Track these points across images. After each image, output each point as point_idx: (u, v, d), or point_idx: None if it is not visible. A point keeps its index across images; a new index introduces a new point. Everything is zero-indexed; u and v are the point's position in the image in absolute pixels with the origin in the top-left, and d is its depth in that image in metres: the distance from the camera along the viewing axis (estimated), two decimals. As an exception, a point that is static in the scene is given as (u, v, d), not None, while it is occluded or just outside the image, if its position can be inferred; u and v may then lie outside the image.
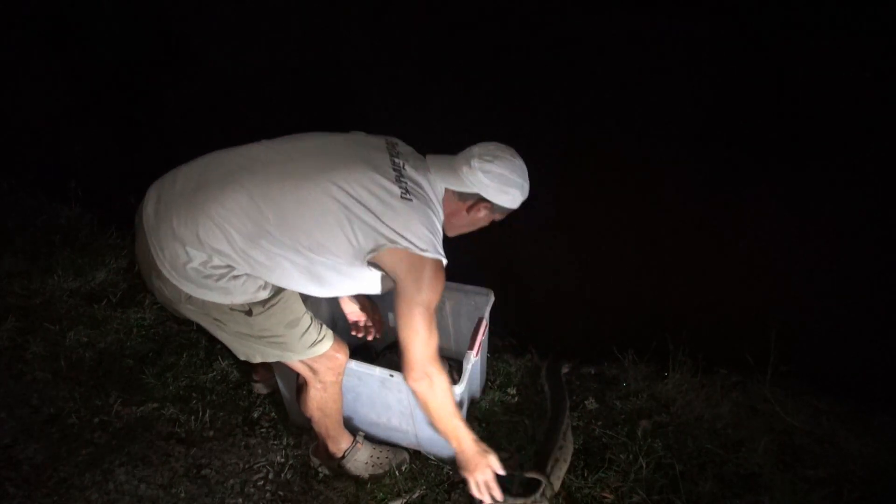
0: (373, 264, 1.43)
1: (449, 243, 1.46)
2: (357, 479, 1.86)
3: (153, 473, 1.88)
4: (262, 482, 1.87)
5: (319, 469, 1.90)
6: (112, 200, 3.00)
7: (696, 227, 2.17)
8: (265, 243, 1.38)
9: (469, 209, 1.55)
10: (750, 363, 2.06)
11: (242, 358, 1.63)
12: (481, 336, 1.91)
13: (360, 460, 1.88)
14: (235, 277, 1.44)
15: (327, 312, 2.32)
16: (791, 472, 1.80)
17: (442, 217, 1.52)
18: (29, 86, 3.27)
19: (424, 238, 1.40)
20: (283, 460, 1.96)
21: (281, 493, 1.84)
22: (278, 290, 1.54)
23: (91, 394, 2.17)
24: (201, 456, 1.95)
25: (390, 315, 2.31)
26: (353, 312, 2.07)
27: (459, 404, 1.77)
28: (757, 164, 1.99)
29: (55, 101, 3.20)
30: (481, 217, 1.58)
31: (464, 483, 1.83)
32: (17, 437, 1.98)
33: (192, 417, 2.08)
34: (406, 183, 1.44)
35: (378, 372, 1.72)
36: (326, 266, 1.43)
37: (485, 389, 2.21)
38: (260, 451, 1.99)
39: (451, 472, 1.88)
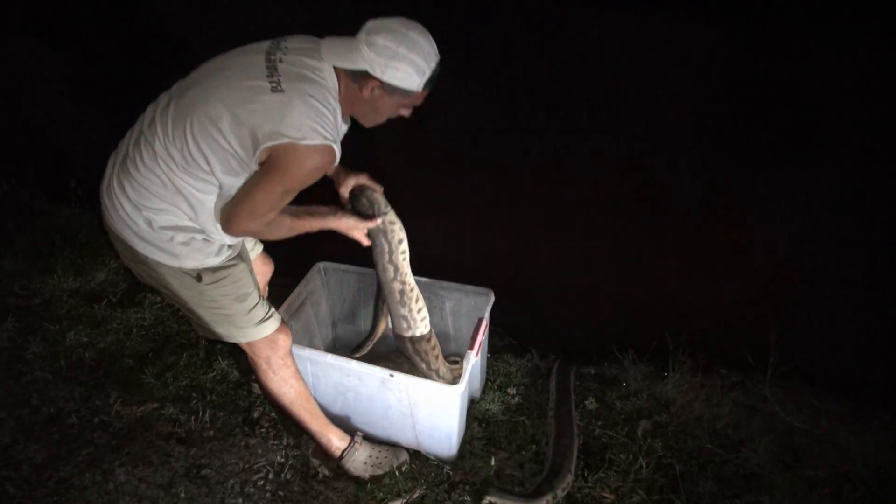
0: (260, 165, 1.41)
1: (448, 242, 1.46)
2: (357, 480, 1.86)
3: (153, 473, 1.88)
4: (262, 482, 1.87)
5: (319, 469, 1.90)
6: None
7: (696, 227, 2.17)
8: (182, 184, 1.42)
9: (362, 90, 1.42)
10: (750, 363, 2.06)
11: (200, 333, 1.69)
12: (481, 336, 1.91)
13: (360, 460, 1.87)
14: (184, 243, 1.48)
15: (327, 313, 2.32)
16: (791, 472, 1.80)
17: (333, 100, 1.42)
18: (29, 86, 3.27)
19: (305, 126, 1.33)
20: (283, 460, 1.96)
21: (281, 493, 1.84)
22: (230, 263, 1.58)
23: (91, 394, 2.17)
24: (201, 456, 1.95)
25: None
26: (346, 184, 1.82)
27: (460, 405, 1.77)
28: (757, 164, 1.99)
29: (55, 101, 3.21)
30: (378, 98, 1.44)
31: (464, 483, 1.83)
32: (17, 437, 1.98)
33: (192, 417, 2.08)
34: (278, 76, 1.36)
35: (378, 372, 1.73)
36: (236, 186, 1.44)
37: (485, 389, 2.21)
38: (260, 451, 1.99)
39: (450, 472, 1.88)
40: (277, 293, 2.12)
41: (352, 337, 2.35)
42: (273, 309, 1.69)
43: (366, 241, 1.74)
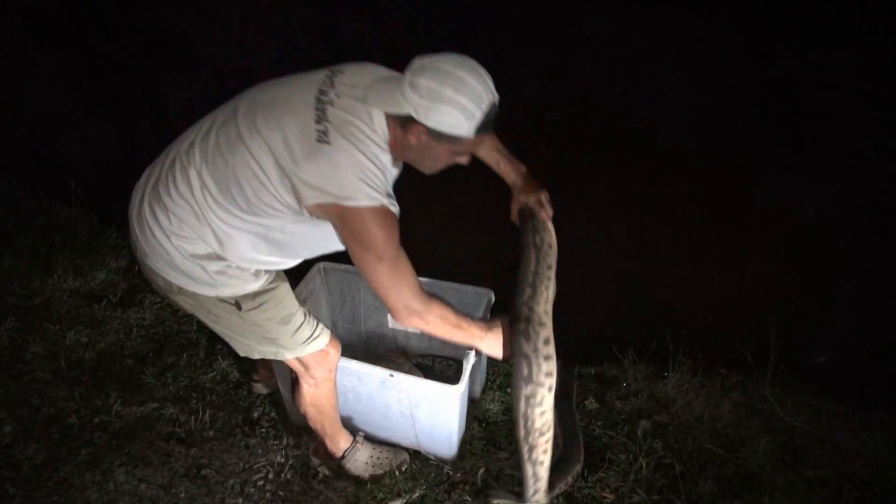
0: (318, 217, 1.32)
1: (449, 242, 1.45)
2: (357, 479, 1.86)
3: (153, 473, 1.88)
4: (262, 482, 1.87)
5: (319, 469, 1.90)
6: (112, 200, 2.99)
7: (696, 227, 2.17)
8: (212, 218, 1.35)
9: (408, 136, 1.29)
10: (750, 363, 2.06)
11: (242, 354, 1.63)
12: None
13: (360, 460, 1.87)
14: (220, 272, 1.42)
15: (327, 313, 2.32)
16: (791, 472, 1.80)
17: (382, 152, 1.31)
18: (29, 85, 3.27)
19: (348, 184, 1.22)
20: (283, 460, 1.96)
21: (281, 493, 1.84)
22: (270, 286, 1.52)
23: (91, 394, 2.17)
24: (201, 456, 1.95)
25: (390, 316, 2.30)
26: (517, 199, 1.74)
27: (459, 406, 1.77)
28: (757, 164, 1.99)
29: (55, 101, 3.20)
30: (427, 145, 1.30)
31: (464, 483, 1.83)
32: (17, 437, 1.98)
33: (192, 417, 2.08)
34: (326, 123, 1.25)
35: (378, 372, 1.73)
36: (277, 228, 1.37)
37: (485, 389, 2.21)
38: (260, 451, 1.99)
39: (450, 472, 1.88)
40: (277, 293, 2.12)
41: (352, 337, 2.35)
42: (319, 325, 1.63)
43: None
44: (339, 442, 1.86)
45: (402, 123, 1.28)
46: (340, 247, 1.39)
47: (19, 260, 2.79)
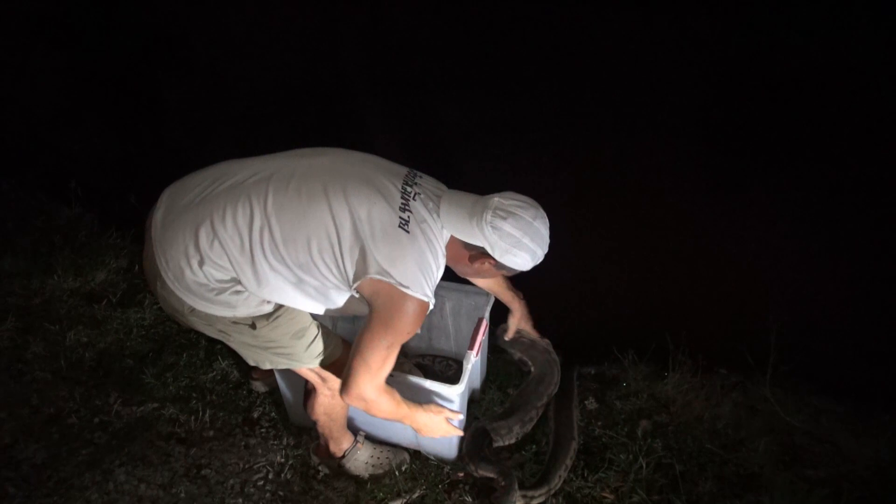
0: (357, 292, 1.40)
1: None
2: (357, 479, 1.86)
3: (153, 473, 1.88)
4: (262, 482, 1.87)
5: (320, 468, 1.90)
6: (112, 200, 2.99)
7: (696, 227, 2.17)
8: (259, 258, 1.36)
9: (472, 260, 1.46)
10: (750, 363, 2.06)
11: (252, 364, 1.62)
12: (481, 336, 1.91)
13: (361, 460, 1.88)
14: (238, 292, 1.42)
15: (327, 318, 2.31)
16: (791, 472, 1.80)
17: (442, 259, 1.45)
18: (29, 85, 3.27)
19: (411, 275, 1.33)
20: (283, 460, 1.96)
21: (281, 493, 1.84)
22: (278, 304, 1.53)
23: (91, 394, 2.17)
24: (201, 456, 1.95)
25: None
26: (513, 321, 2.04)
27: (459, 405, 1.78)
28: (757, 164, 1.99)
29: (55, 101, 3.20)
30: (486, 270, 1.50)
31: (464, 483, 1.84)
32: (17, 437, 1.98)
33: (192, 417, 2.08)
34: (409, 214, 1.37)
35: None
36: (314, 287, 1.41)
37: (484, 389, 2.21)
38: (260, 451, 1.99)
39: (450, 472, 1.88)
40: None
41: (351, 336, 2.34)
42: (333, 337, 1.64)
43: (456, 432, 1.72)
44: (342, 443, 1.87)
45: (470, 248, 1.44)
46: (351, 314, 1.49)
47: (19, 260, 2.78)
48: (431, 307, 1.40)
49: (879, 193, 1.88)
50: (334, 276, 1.38)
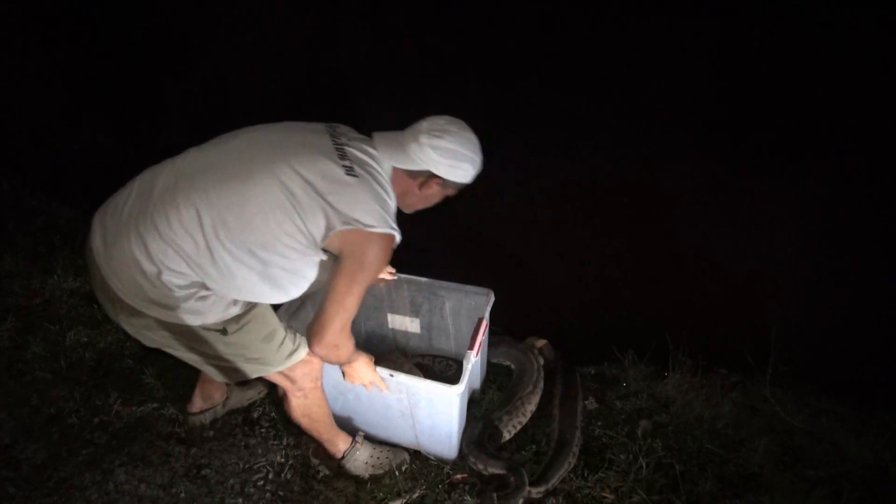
0: (325, 249, 1.41)
1: (447, 244, 1.47)
2: (357, 479, 1.86)
3: (153, 473, 1.88)
4: (262, 482, 1.87)
5: (320, 469, 1.90)
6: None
7: (696, 227, 2.17)
8: (219, 253, 1.35)
9: (421, 186, 1.51)
10: (750, 363, 2.06)
11: (220, 380, 1.62)
12: (481, 336, 1.91)
13: (360, 460, 1.88)
14: (203, 298, 1.40)
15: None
16: (791, 472, 1.80)
17: (391, 191, 1.48)
18: (29, 86, 3.27)
19: (374, 214, 1.37)
20: (283, 460, 1.96)
21: (281, 493, 1.84)
22: (250, 305, 1.51)
23: (91, 394, 2.17)
24: (201, 456, 1.95)
25: (390, 316, 2.31)
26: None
27: (460, 404, 1.78)
28: (757, 164, 1.99)
29: (55, 101, 3.21)
30: (433, 193, 1.55)
31: (464, 483, 1.83)
32: (17, 437, 1.98)
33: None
34: (349, 161, 1.40)
35: (378, 371, 1.73)
36: (280, 266, 1.40)
37: (484, 389, 2.21)
38: (260, 451, 1.99)
39: (450, 472, 1.88)
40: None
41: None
42: (298, 335, 1.64)
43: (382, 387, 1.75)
44: (338, 444, 1.87)
45: (415, 176, 1.50)
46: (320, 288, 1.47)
47: (19, 260, 2.79)
48: (398, 238, 1.43)
49: (880, 194, 1.88)
50: (300, 243, 1.37)
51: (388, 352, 2.28)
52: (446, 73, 2.29)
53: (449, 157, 1.46)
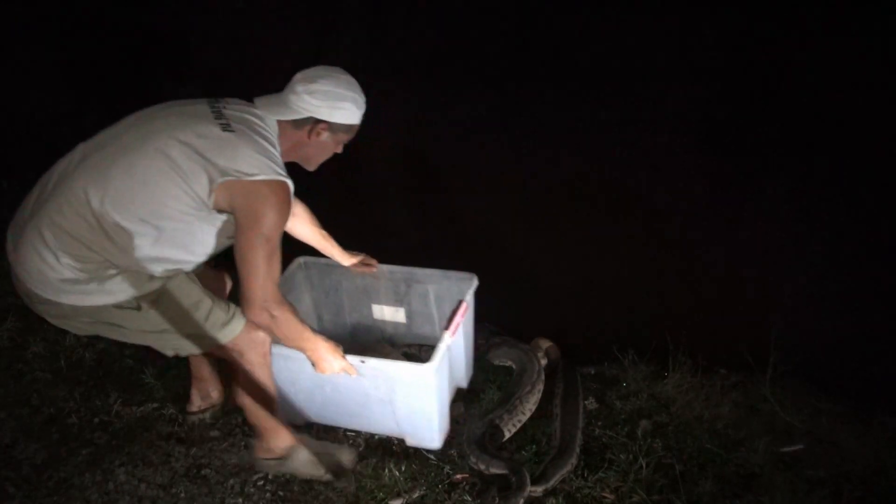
0: (219, 210, 1.43)
1: (447, 245, 1.46)
2: (357, 480, 1.86)
3: (153, 473, 1.88)
4: (262, 482, 1.87)
5: (267, 471, 1.86)
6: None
7: (696, 227, 2.17)
8: (112, 227, 1.38)
9: (310, 134, 1.54)
10: (750, 363, 2.06)
11: (171, 353, 1.61)
12: (460, 317, 1.90)
13: (303, 459, 1.84)
14: (110, 277, 1.43)
15: (311, 307, 2.31)
16: (791, 472, 1.80)
17: (277, 146, 1.51)
18: (29, 86, 3.27)
19: (254, 162, 1.39)
20: (283, 460, 1.95)
21: (281, 493, 1.84)
22: (164, 280, 1.51)
23: (91, 394, 2.17)
24: (201, 456, 1.95)
25: (375, 307, 2.30)
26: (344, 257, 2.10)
27: (439, 390, 1.80)
28: (757, 164, 1.99)
29: (55, 101, 3.20)
30: (325, 140, 1.57)
31: (464, 482, 1.83)
32: (17, 437, 1.98)
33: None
34: (226, 120, 1.44)
35: (349, 359, 1.70)
36: (174, 229, 1.43)
37: (484, 388, 2.21)
38: (260, 451, 1.99)
39: (450, 472, 1.88)
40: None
41: (338, 329, 2.35)
42: (233, 306, 1.61)
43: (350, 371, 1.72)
44: (280, 438, 1.81)
45: (301, 126, 1.53)
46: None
47: (19, 260, 2.78)
48: (291, 185, 1.45)
49: (879, 194, 1.88)
50: (188, 205, 1.40)
51: (374, 343, 2.27)
52: (445, 76, 2.29)
53: (327, 98, 1.50)
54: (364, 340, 2.30)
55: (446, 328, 1.83)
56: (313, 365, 1.69)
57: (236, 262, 1.43)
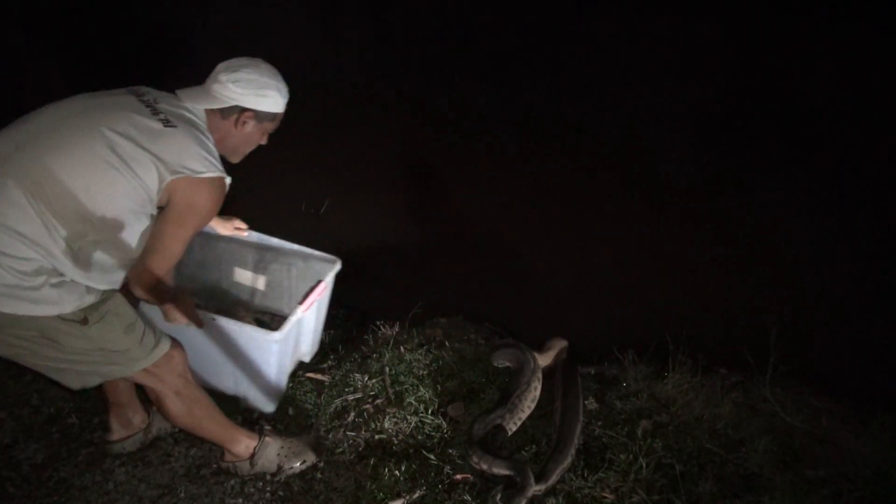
0: (158, 206, 1.42)
1: (446, 245, 1.46)
2: (357, 480, 1.86)
3: (153, 473, 1.88)
4: (261, 482, 1.87)
5: (237, 472, 1.87)
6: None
7: (696, 227, 2.17)
8: (58, 230, 1.31)
9: (237, 124, 1.56)
10: (750, 363, 2.06)
11: (78, 386, 1.52)
12: (316, 296, 1.98)
13: (272, 454, 1.86)
14: (56, 285, 1.34)
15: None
16: (791, 472, 1.80)
17: (211, 139, 1.51)
18: (28, 84, 3.27)
19: (200, 160, 1.41)
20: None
21: (281, 493, 1.84)
22: (106, 294, 1.47)
23: (91, 393, 2.17)
24: (201, 456, 1.95)
25: (238, 270, 2.36)
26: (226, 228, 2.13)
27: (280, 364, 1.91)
28: (758, 164, 1.99)
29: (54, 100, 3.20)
30: (251, 130, 1.59)
31: (464, 483, 1.83)
32: (17, 437, 1.98)
33: (192, 417, 2.07)
34: (164, 114, 1.43)
35: (200, 314, 1.70)
36: (121, 230, 1.39)
37: (485, 388, 2.20)
38: (260, 451, 1.98)
39: (451, 472, 1.88)
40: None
41: (196, 285, 2.35)
42: (157, 328, 1.59)
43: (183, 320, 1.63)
44: (242, 442, 1.81)
45: (227, 115, 1.54)
46: None
47: (19, 260, 2.78)
48: (228, 180, 1.48)
49: (880, 194, 1.88)
50: (135, 202, 1.38)
51: (230, 304, 2.30)
52: (447, 78, 2.29)
53: (252, 87, 1.52)
54: (221, 299, 2.37)
55: (301, 303, 1.90)
56: (164, 315, 1.63)
57: (153, 242, 1.42)
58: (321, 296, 2.04)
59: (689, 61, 1.91)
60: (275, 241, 2.23)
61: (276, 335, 1.78)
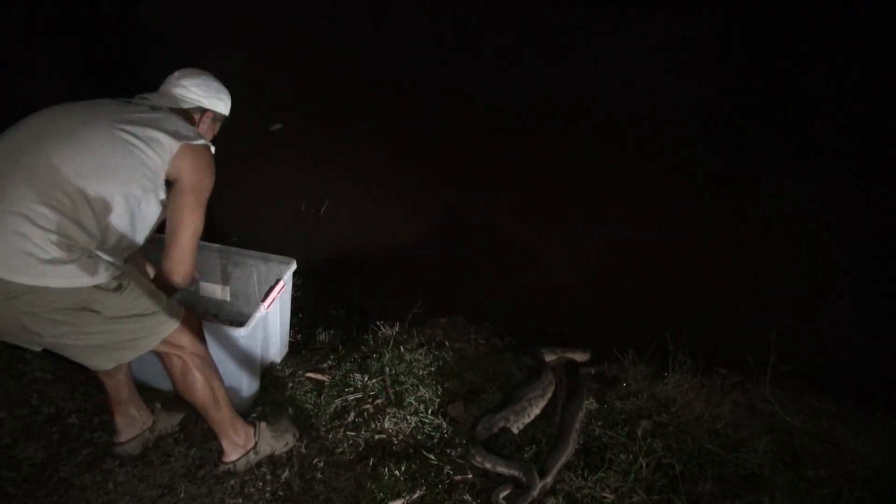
0: (168, 179, 1.55)
1: (446, 246, 1.45)
2: (357, 480, 1.86)
3: (153, 473, 1.88)
4: (261, 483, 1.87)
5: (236, 466, 1.87)
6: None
7: (696, 227, 2.17)
8: (85, 208, 1.42)
9: (199, 123, 1.75)
10: (750, 363, 2.06)
11: (110, 366, 1.60)
12: (276, 294, 2.08)
13: (267, 439, 1.91)
14: (92, 257, 1.45)
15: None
16: (791, 472, 1.80)
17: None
18: (29, 85, 3.27)
19: (191, 131, 1.59)
20: (282, 460, 1.96)
21: (281, 493, 1.84)
22: (125, 265, 1.56)
23: (91, 394, 2.17)
24: (201, 456, 1.95)
25: (203, 284, 2.42)
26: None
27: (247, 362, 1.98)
28: (758, 164, 1.99)
29: (55, 101, 3.20)
30: (206, 128, 1.78)
31: (465, 483, 1.83)
32: (17, 437, 1.98)
33: (192, 417, 2.08)
34: (145, 105, 1.61)
35: None
36: (142, 206, 1.53)
37: (485, 389, 2.21)
38: (260, 451, 1.99)
39: (451, 472, 1.88)
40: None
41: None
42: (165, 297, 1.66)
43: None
44: (243, 430, 1.86)
45: (190, 116, 1.73)
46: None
47: (19, 260, 2.78)
48: (213, 149, 1.65)
49: (880, 194, 1.88)
50: (147, 177, 1.50)
51: (200, 314, 2.32)
52: (448, 78, 2.29)
53: (210, 91, 1.75)
54: (196, 306, 2.44)
55: (262, 300, 2.03)
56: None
57: (171, 224, 1.57)
58: (280, 293, 2.14)
59: (690, 61, 1.91)
60: (232, 250, 2.31)
61: (241, 330, 1.89)
